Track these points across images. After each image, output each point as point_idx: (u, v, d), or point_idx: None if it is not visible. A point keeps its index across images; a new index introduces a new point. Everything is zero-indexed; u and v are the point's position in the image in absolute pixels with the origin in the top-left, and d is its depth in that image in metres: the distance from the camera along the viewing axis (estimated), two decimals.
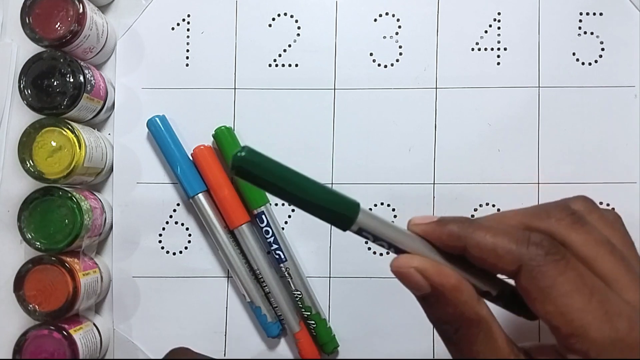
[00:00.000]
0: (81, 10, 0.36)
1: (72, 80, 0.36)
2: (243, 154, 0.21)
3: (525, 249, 0.23)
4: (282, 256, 0.38)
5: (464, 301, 0.24)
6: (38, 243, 0.36)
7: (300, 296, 0.38)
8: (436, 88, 0.40)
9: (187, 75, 0.40)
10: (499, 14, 0.40)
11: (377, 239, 0.25)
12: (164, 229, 0.40)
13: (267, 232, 0.38)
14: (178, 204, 0.40)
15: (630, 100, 0.39)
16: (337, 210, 0.23)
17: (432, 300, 0.24)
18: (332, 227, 0.39)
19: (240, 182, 0.38)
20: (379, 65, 0.40)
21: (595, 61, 0.39)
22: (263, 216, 0.38)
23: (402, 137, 0.40)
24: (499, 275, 0.26)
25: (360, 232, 0.24)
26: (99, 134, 0.39)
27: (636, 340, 0.22)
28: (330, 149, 0.40)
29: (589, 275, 0.23)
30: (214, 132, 0.39)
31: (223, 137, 0.39)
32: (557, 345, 0.24)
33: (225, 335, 0.40)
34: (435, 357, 0.39)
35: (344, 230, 0.24)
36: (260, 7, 0.40)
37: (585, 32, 0.39)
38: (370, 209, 0.39)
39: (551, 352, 0.24)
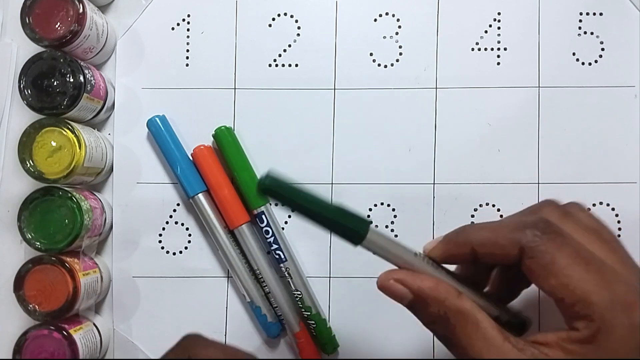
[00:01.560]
0: (81, 10, 0.36)
1: (72, 80, 0.36)
2: (267, 181, 0.25)
3: (523, 233, 0.25)
4: (282, 256, 0.38)
5: (443, 298, 0.26)
6: (38, 243, 0.36)
7: (300, 296, 0.38)
8: (436, 88, 0.40)
9: (187, 75, 0.40)
10: (499, 14, 0.40)
11: (387, 258, 0.27)
12: (164, 229, 0.40)
13: (267, 232, 0.38)
14: (178, 204, 0.40)
15: (630, 100, 0.39)
16: (349, 226, 0.26)
17: (418, 306, 0.26)
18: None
19: (240, 182, 0.38)
20: (379, 65, 0.40)
21: (595, 61, 0.39)
22: (263, 216, 0.38)
23: (402, 137, 0.40)
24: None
25: (371, 249, 0.26)
26: (99, 134, 0.39)
27: (633, 300, 0.24)
28: (330, 149, 0.40)
29: (584, 248, 0.25)
30: (214, 132, 0.39)
31: (223, 137, 0.39)
32: (559, 333, 0.25)
33: (225, 335, 0.40)
34: (435, 357, 0.39)
35: (355, 245, 0.26)
36: (260, 7, 0.40)
37: (585, 32, 0.39)
38: (370, 209, 0.39)
39: (554, 338, 0.25)
